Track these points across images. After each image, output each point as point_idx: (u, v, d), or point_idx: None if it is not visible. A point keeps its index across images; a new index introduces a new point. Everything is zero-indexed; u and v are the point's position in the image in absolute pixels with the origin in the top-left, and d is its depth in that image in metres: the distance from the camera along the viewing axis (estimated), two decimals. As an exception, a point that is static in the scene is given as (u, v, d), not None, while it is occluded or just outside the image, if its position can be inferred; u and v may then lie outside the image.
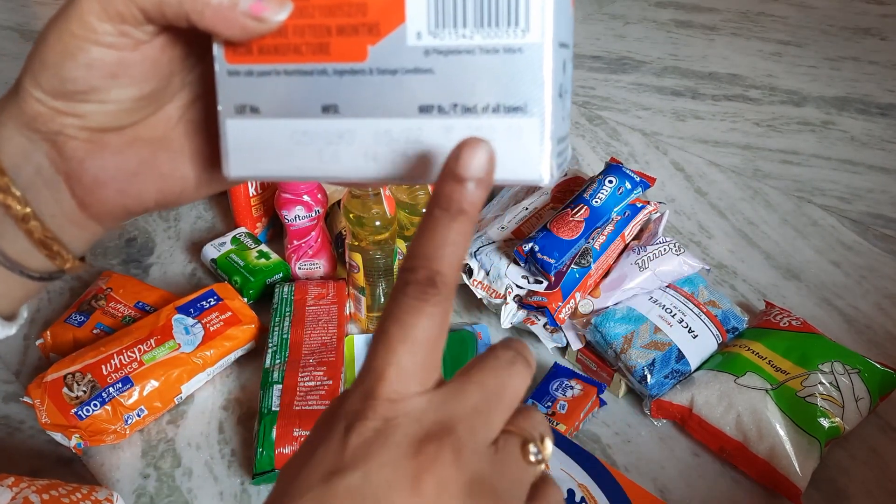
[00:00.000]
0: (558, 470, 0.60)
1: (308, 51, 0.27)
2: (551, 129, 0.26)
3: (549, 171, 0.27)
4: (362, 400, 0.24)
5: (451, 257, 0.25)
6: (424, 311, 0.24)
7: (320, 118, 0.28)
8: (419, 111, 0.27)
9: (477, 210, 0.25)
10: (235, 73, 0.28)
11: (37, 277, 0.31)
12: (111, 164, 0.30)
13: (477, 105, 0.26)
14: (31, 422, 0.70)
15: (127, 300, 0.77)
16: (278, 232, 0.92)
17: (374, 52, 0.27)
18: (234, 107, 0.29)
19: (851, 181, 1.04)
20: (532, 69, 0.26)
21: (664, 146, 1.12)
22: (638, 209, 0.79)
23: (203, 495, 0.64)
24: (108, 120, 0.29)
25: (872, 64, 1.35)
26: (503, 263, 0.75)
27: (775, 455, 0.63)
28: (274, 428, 0.63)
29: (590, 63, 1.36)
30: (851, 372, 0.67)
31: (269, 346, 0.72)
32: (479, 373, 0.26)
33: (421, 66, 0.26)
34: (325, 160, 0.28)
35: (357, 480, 0.23)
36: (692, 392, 0.67)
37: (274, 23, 0.27)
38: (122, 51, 0.27)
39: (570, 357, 0.76)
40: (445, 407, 0.24)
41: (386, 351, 0.24)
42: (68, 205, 0.31)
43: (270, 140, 0.29)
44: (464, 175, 0.24)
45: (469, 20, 0.26)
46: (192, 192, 0.32)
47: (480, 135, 0.26)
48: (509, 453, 0.25)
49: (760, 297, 0.84)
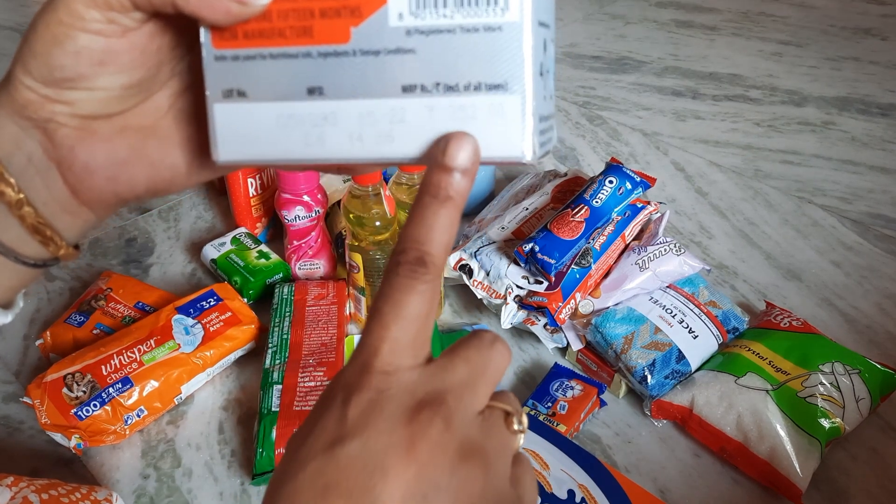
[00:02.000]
0: (558, 470, 0.60)
1: (292, 34, 0.28)
2: (533, 106, 0.27)
3: (532, 148, 0.27)
4: (359, 373, 0.26)
5: (440, 239, 0.26)
6: (415, 288, 0.26)
7: (306, 100, 0.28)
8: (402, 91, 0.27)
9: (463, 197, 0.26)
10: (222, 58, 0.29)
11: (31, 264, 0.31)
12: (101, 151, 0.30)
13: (459, 83, 0.27)
14: (30, 422, 0.70)
15: (127, 300, 0.77)
16: (278, 232, 0.92)
17: (356, 34, 0.27)
18: (221, 91, 0.29)
19: (852, 181, 1.04)
20: (512, 47, 0.26)
21: (665, 146, 1.12)
22: (638, 209, 0.79)
23: (203, 496, 0.64)
24: (98, 107, 0.30)
25: (873, 64, 1.35)
26: (503, 264, 0.75)
27: (776, 455, 0.63)
28: (274, 428, 0.63)
29: (590, 63, 1.36)
30: (852, 372, 0.67)
31: (269, 347, 0.72)
32: (465, 350, 0.28)
33: (403, 46, 0.27)
34: (311, 143, 0.29)
35: (356, 448, 0.24)
36: (693, 392, 0.67)
37: (258, 6, 0.27)
38: (109, 38, 0.28)
39: (570, 357, 0.76)
40: (436, 379, 0.26)
41: (380, 327, 0.26)
42: (60, 192, 0.31)
43: (258, 124, 0.29)
44: (451, 165, 0.26)
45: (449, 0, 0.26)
46: (182, 180, 0.32)
47: (462, 113, 0.27)
48: (495, 422, 0.27)
49: (761, 297, 0.84)
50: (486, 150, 0.27)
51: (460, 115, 0.27)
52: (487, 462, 0.26)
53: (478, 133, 0.27)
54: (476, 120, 0.27)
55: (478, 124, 0.27)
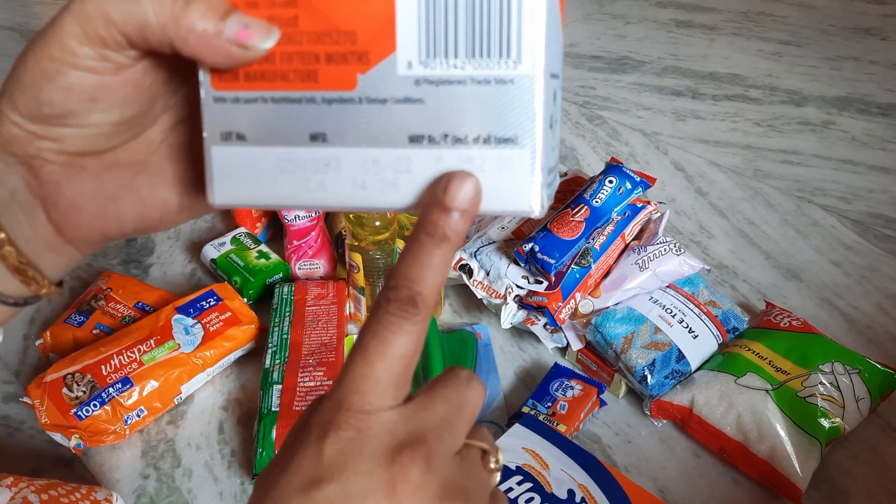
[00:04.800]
0: (558, 470, 0.60)
1: (296, 78, 0.27)
2: (542, 161, 0.26)
3: (540, 201, 0.26)
4: (336, 410, 0.25)
5: (433, 280, 0.26)
6: (403, 328, 0.25)
7: (308, 146, 0.27)
8: (409, 141, 0.27)
9: (460, 238, 0.26)
10: (221, 100, 0.28)
11: (11, 303, 0.30)
12: (89, 188, 0.29)
13: (468, 136, 0.26)
14: (30, 422, 0.70)
15: (127, 300, 0.77)
16: (278, 232, 0.92)
17: (363, 81, 0.26)
18: (219, 133, 0.28)
19: (852, 181, 1.04)
20: (523, 100, 0.26)
21: (664, 146, 1.12)
22: (638, 209, 0.79)
23: (203, 496, 0.64)
24: (87, 144, 0.28)
25: (873, 64, 1.35)
26: (503, 263, 0.75)
27: (776, 455, 0.62)
28: (274, 428, 0.63)
29: (590, 63, 1.36)
30: (852, 372, 0.67)
31: (269, 347, 0.72)
32: (443, 388, 0.27)
33: (411, 95, 0.26)
34: (311, 188, 0.28)
35: (334, 491, 0.24)
36: (692, 392, 0.67)
37: (260, 50, 0.26)
38: (102, 75, 0.27)
39: (570, 357, 0.76)
40: (416, 418, 0.26)
41: (363, 363, 0.25)
42: (44, 229, 0.30)
43: (256, 168, 0.28)
44: (450, 205, 0.25)
45: (460, 50, 0.26)
46: (173, 217, 0.31)
47: (471, 165, 0.26)
48: (473, 461, 0.27)
49: (761, 297, 0.84)
50: (493, 203, 0.26)
51: (468, 167, 0.26)
52: (469, 500, 0.25)
53: (485, 184, 0.26)
54: (484, 172, 0.26)
55: (485, 176, 0.26)
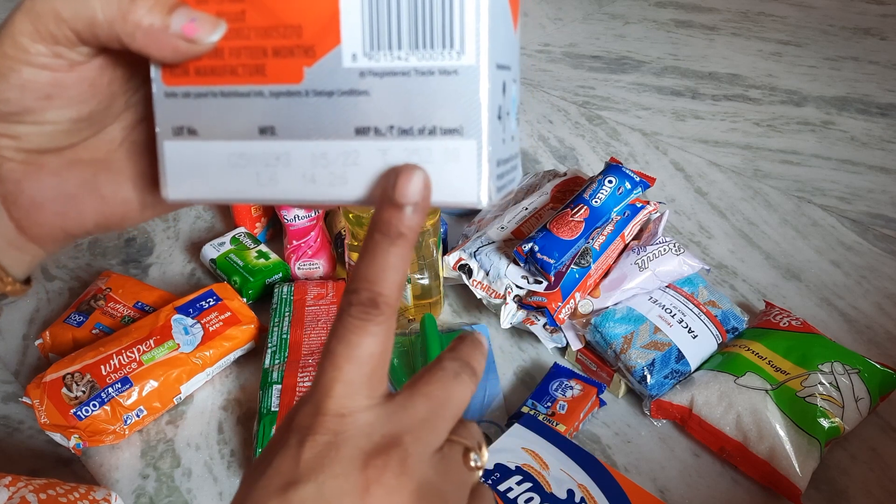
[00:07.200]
0: (558, 470, 0.60)
1: (244, 72, 0.27)
2: (489, 151, 0.26)
3: (488, 193, 0.26)
4: (312, 415, 0.26)
5: (392, 279, 0.26)
6: (368, 329, 0.25)
7: (257, 140, 0.28)
8: (355, 133, 0.27)
9: (415, 233, 0.26)
10: (173, 95, 0.28)
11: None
12: (49, 185, 0.30)
13: (413, 127, 0.26)
14: (30, 422, 0.70)
15: (126, 300, 0.77)
16: (278, 232, 0.92)
17: (310, 74, 0.27)
18: (171, 128, 0.28)
19: (851, 181, 1.04)
20: (468, 91, 0.26)
21: (664, 146, 1.12)
22: (638, 209, 0.79)
23: (202, 495, 0.64)
24: (45, 141, 0.29)
25: (872, 64, 1.35)
26: (503, 263, 0.75)
27: (775, 455, 0.63)
28: (273, 428, 0.63)
29: (590, 63, 1.36)
30: (851, 372, 0.67)
31: (269, 346, 0.72)
32: (426, 385, 0.27)
33: (357, 87, 0.26)
34: (263, 182, 0.28)
35: (310, 492, 0.24)
36: (692, 392, 0.67)
37: (207, 44, 0.26)
38: (56, 72, 0.27)
39: (569, 357, 0.76)
40: (393, 419, 0.26)
41: (332, 367, 0.26)
42: (6, 227, 0.30)
43: (208, 162, 0.28)
44: (401, 201, 0.25)
45: (404, 42, 0.26)
46: (135, 216, 0.31)
47: (417, 157, 0.26)
48: (453, 459, 0.27)
49: (760, 297, 0.84)
50: (441, 195, 0.26)
51: (414, 159, 0.26)
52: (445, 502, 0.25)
53: (433, 176, 0.26)
54: (431, 164, 0.26)
55: (432, 168, 0.26)
